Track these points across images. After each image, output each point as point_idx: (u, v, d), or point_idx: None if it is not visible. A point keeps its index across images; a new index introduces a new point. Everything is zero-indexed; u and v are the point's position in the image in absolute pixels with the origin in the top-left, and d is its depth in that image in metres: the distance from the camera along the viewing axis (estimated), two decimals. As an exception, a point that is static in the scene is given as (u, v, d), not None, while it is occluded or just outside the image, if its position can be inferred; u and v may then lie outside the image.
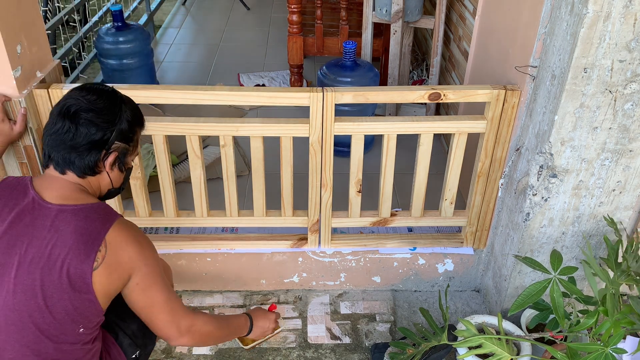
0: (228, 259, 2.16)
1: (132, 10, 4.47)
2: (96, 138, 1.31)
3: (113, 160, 1.37)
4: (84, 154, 1.31)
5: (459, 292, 2.28)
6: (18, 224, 1.27)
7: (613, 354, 1.37)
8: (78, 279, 1.25)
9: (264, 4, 5.46)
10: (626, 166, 1.68)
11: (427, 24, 3.12)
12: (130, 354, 1.54)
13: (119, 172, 1.42)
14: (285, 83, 3.84)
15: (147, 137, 1.91)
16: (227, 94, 1.79)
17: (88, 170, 1.34)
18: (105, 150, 1.34)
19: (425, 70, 3.69)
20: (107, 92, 1.37)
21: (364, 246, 2.16)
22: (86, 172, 1.34)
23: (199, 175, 1.94)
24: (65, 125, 1.29)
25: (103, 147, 1.33)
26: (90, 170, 1.34)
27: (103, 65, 3.32)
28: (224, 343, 2.02)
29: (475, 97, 1.81)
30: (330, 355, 2.01)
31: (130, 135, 1.39)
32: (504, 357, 1.48)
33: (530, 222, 1.81)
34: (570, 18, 1.48)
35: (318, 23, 3.44)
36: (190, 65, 4.16)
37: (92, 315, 1.31)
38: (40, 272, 1.24)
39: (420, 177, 1.97)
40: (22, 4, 1.69)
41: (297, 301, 2.22)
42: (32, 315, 1.25)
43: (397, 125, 1.86)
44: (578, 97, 1.55)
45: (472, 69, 2.43)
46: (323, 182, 1.95)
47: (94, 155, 1.33)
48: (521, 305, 1.54)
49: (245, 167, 2.88)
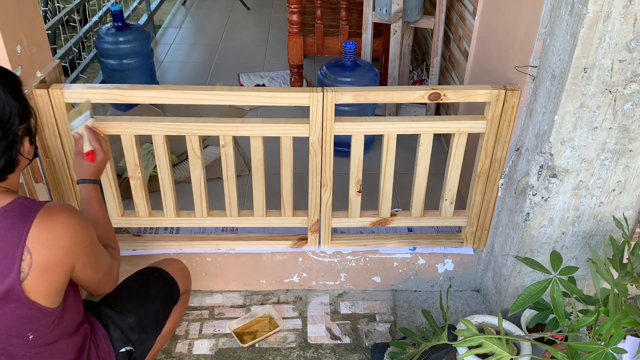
0: (228, 259, 2.16)
1: (132, 10, 4.47)
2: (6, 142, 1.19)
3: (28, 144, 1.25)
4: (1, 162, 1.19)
5: (459, 292, 2.28)
6: None
7: (613, 354, 1.37)
8: (7, 294, 1.17)
9: (264, 4, 5.46)
10: (626, 166, 1.68)
11: (427, 24, 3.12)
12: (118, 347, 1.51)
13: (30, 146, 1.27)
14: (285, 83, 3.84)
15: (147, 137, 1.92)
16: (227, 94, 1.79)
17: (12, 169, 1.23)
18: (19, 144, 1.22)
19: (425, 70, 3.69)
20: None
21: (364, 246, 2.16)
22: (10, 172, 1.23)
23: (199, 175, 1.94)
24: None
25: (15, 143, 1.21)
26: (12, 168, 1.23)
27: (103, 65, 3.32)
28: (223, 344, 2.02)
29: (475, 97, 1.81)
30: (330, 355, 2.01)
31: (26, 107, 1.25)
32: (504, 356, 1.48)
33: (530, 222, 1.81)
34: (570, 18, 1.48)
35: (318, 23, 3.44)
36: (190, 65, 4.16)
37: (41, 318, 1.25)
38: None
39: (420, 177, 1.97)
40: (22, 4, 1.69)
41: (297, 301, 2.22)
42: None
43: (397, 125, 1.86)
44: (578, 97, 1.55)
45: (472, 69, 2.43)
46: (323, 182, 1.95)
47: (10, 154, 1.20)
48: (521, 305, 1.54)
49: (245, 167, 2.88)
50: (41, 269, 1.18)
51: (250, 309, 2.17)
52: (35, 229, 1.17)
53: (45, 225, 1.19)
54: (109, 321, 1.52)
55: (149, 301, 1.65)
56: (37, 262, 1.17)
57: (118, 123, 1.80)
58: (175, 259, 1.87)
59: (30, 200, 1.23)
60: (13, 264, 1.16)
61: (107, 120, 1.80)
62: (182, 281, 1.79)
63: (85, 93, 1.78)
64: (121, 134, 1.82)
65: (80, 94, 1.77)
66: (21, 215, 1.18)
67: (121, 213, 2.03)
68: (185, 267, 1.86)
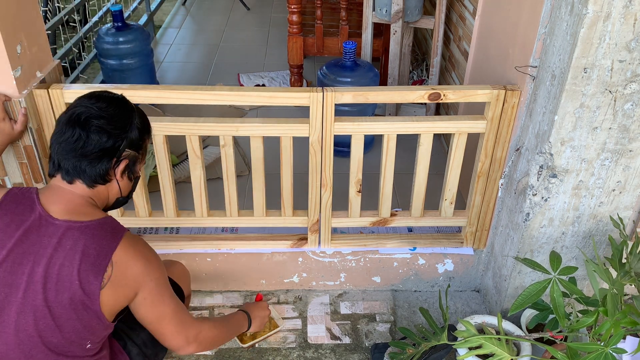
0: (228, 259, 2.16)
1: (132, 10, 4.46)
2: (108, 145, 1.29)
3: (124, 168, 1.35)
4: (95, 162, 1.29)
5: (459, 292, 2.28)
6: (25, 242, 1.25)
7: (613, 354, 1.37)
8: (86, 299, 1.25)
9: (264, 4, 5.46)
10: (626, 166, 1.68)
11: (427, 24, 3.12)
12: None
13: (128, 180, 1.40)
14: (285, 83, 3.84)
15: (147, 137, 1.92)
16: (227, 94, 1.79)
17: (99, 179, 1.32)
18: (117, 158, 1.32)
19: (425, 70, 3.69)
20: (117, 99, 1.36)
21: (364, 246, 2.16)
22: (97, 181, 1.32)
23: (199, 175, 1.94)
24: (75, 133, 1.27)
25: (114, 154, 1.32)
26: (101, 178, 1.32)
27: (103, 65, 3.32)
28: (223, 344, 2.02)
29: (475, 97, 1.81)
30: (330, 355, 2.01)
31: (140, 142, 1.38)
32: (504, 357, 1.48)
33: (530, 222, 1.81)
34: (570, 18, 1.48)
35: (318, 23, 3.44)
36: (190, 65, 4.16)
37: (99, 331, 1.32)
38: (49, 293, 1.23)
39: (420, 177, 1.98)
40: (22, 4, 1.69)
41: (297, 301, 2.22)
42: (41, 334, 1.25)
43: (397, 125, 1.86)
44: (578, 97, 1.55)
45: (472, 69, 2.43)
46: (323, 182, 1.95)
47: (105, 163, 1.31)
48: (521, 305, 1.54)
49: (245, 167, 2.88)
50: (115, 284, 1.27)
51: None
52: (121, 247, 1.28)
53: (129, 246, 1.30)
54: (124, 336, 1.53)
55: None
56: (115, 276, 1.26)
57: (118, 123, 1.80)
58: (175, 262, 1.86)
59: (118, 222, 1.35)
60: (99, 272, 1.25)
61: (107, 120, 1.80)
62: (185, 285, 1.78)
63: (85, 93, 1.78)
64: (121, 134, 1.82)
65: (81, 94, 1.76)
66: (112, 231, 1.30)
67: (121, 213, 2.03)
68: (186, 270, 1.85)
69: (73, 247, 1.24)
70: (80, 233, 1.26)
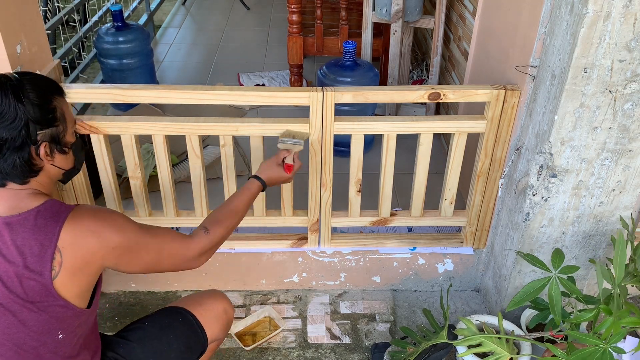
0: (228, 259, 2.17)
1: (132, 10, 4.47)
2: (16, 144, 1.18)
3: (46, 150, 1.22)
4: (10, 163, 1.19)
5: (459, 292, 2.28)
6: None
7: (612, 353, 1.37)
8: (41, 292, 1.20)
9: (264, 4, 5.46)
10: (626, 166, 1.68)
11: (427, 24, 3.12)
12: None
13: (61, 155, 1.27)
14: (285, 83, 3.84)
15: (147, 137, 1.92)
16: (227, 94, 1.79)
17: (27, 174, 1.22)
18: (33, 146, 1.20)
19: (425, 70, 3.69)
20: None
21: (363, 246, 2.16)
22: (26, 176, 1.22)
23: (199, 175, 1.94)
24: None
25: (26, 145, 1.19)
26: (29, 172, 1.22)
27: (103, 65, 3.32)
28: (223, 344, 2.02)
29: (475, 97, 1.81)
30: (330, 355, 2.01)
31: (50, 116, 1.22)
32: (503, 356, 1.49)
33: (530, 222, 1.81)
34: (570, 18, 1.48)
35: (318, 23, 3.44)
36: (190, 65, 4.16)
37: (70, 318, 1.26)
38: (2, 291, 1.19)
39: (420, 177, 1.98)
40: (22, 4, 1.69)
41: (297, 301, 2.22)
42: (5, 332, 1.21)
43: (397, 125, 1.86)
44: (578, 97, 1.55)
45: (472, 69, 2.43)
46: (323, 181, 1.95)
47: (20, 157, 1.19)
48: (520, 301, 1.53)
49: (245, 167, 2.88)
50: (70, 269, 1.20)
51: (250, 309, 2.17)
52: (65, 230, 1.20)
53: (74, 226, 1.21)
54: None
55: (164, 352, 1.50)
56: (66, 261, 1.20)
57: (118, 123, 1.80)
58: (216, 295, 1.66)
59: (61, 203, 1.25)
60: (46, 262, 1.18)
61: (106, 120, 1.80)
62: (215, 328, 1.60)
63: (85, 93, 1.78)
64: (121, 133, 1.82)
65: (80, 94, 1.77)
66: (53, 216, 1.21)
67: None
68: (227, 311, 1.64)
69: (15, 242, 1.18)
70: (19, 226, 1.19)
